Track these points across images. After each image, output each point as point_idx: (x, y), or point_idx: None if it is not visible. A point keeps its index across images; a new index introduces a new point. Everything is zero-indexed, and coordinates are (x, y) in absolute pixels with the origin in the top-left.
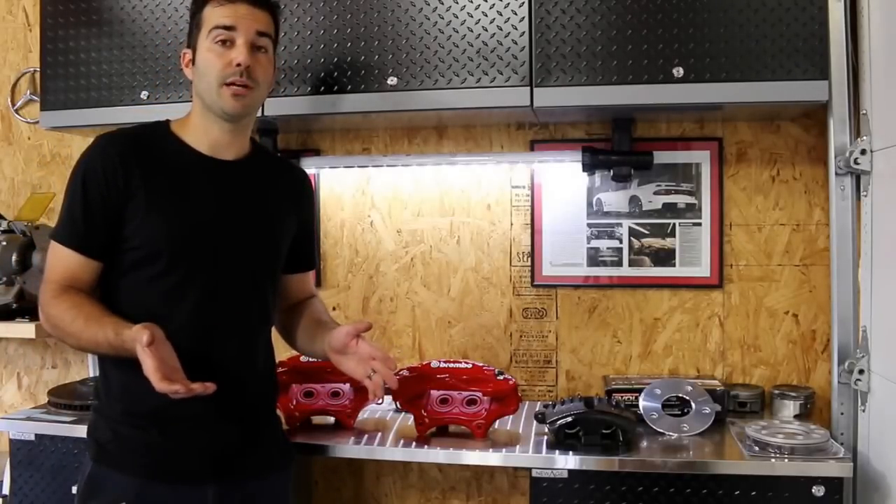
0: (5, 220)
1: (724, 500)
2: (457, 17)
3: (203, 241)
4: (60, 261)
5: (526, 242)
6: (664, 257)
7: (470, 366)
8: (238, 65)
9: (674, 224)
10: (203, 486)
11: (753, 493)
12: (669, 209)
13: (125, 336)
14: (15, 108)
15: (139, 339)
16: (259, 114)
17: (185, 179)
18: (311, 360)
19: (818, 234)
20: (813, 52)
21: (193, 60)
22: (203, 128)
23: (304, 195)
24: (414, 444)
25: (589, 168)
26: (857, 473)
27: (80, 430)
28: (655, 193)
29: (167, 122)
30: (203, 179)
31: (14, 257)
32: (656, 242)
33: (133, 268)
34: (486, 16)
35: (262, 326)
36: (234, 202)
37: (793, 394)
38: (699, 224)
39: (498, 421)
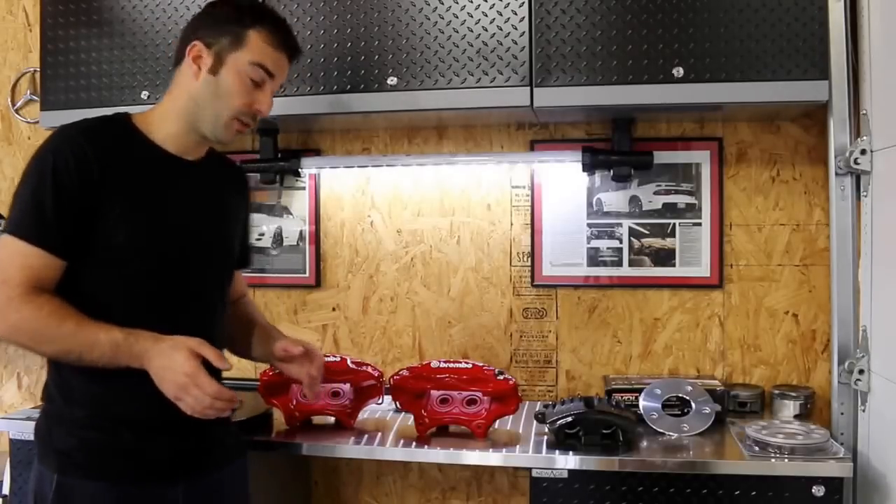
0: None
1: (724, 500)
2: (457, 17)
3: (176, 242)
4: (23, 259)
5: (526, 242)
6: (664, 257)
7: (470, 366)
8: (258, 111)
9: (674, 224)
10: (175, 484)
11: (753, 493)
12: (669, 209)
13: (141, 339)
14: (15, 108)
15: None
16: None
17: (157, 179)
18: None
19: (818, 234)
20: (813, 52)
21: (213, 70)
22: (175, 130)
23: (247, 193)
24: (414, 444)
25: (589, 168)
26: (857, 473)
27: None
28: (655, 193)
29: (127, 115)
30: (173, 180)
31: None
32: (656, 242)
33: (101, 268)
34: (486, 16)
35: (222, 325)
36: (200, 203)
37: (793, 394)
38: (699, 224)
39: (498, 421)
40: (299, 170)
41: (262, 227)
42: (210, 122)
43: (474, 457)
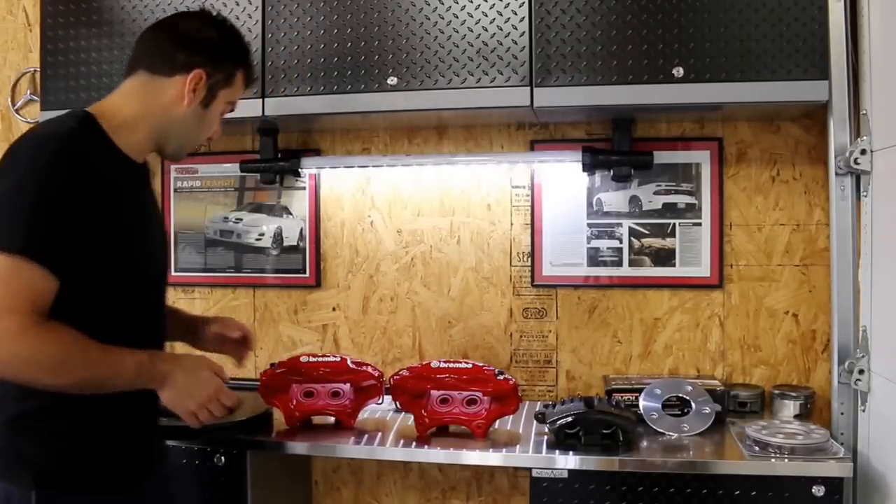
0: None
1: (724, 500)
2: (457, 17)
3: (151, 251)
4: (29, 281)
5: (526, 242)
6: (664, 257)
7: (470, 366)
8: (212, 139)
9: (674, 224)
10: (143, 482)
11: (753, 493)
12: (669, 209)
13: (161, 359)
14: (15, 108)
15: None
16: (259, 114)
17: (130, 190)
18: (310, 360)
19: (818, 234)
20: (813, 52)
21: (205, 103)
22: (139, 140)
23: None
24: (414, 444)
25: (589, 168)
26: (857, 473)
27: None
28: (655, 193)
29: (93, 117)
30: (139, 188)
31: None
32: (656, 242)
33: (89, 284)
34: (486, 16)
35: None
36: (152, 205)
37: (793, 394)
38: (699, 224)
39: (498, 421)
40: (299, 170)
41: (262, 228)
42: (179, 145)
43: (474, 457)
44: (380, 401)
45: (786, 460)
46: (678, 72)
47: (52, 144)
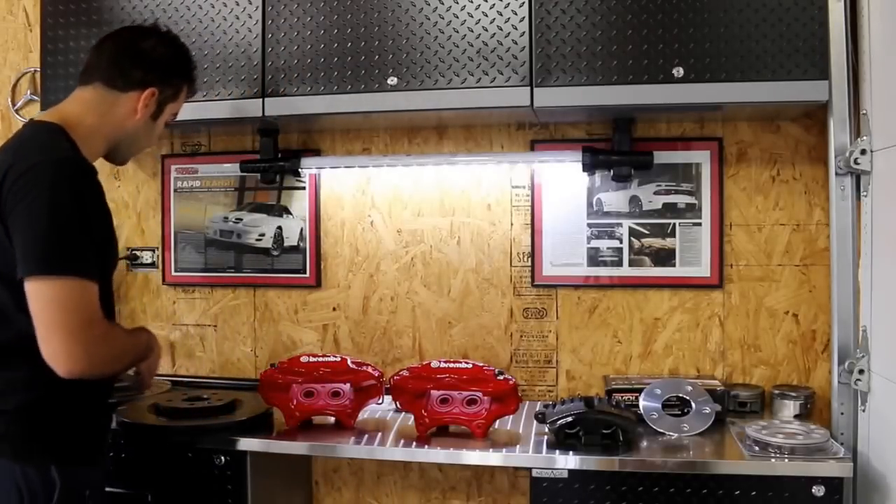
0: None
1: (724, 500)
2: (457, 17)
3: (116, 241)
4: (90, 294)
5: (526, 242)
6: (664, 257)
7: (470, 366)
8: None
9: (674, 224)
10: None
11: (753, 493)
12: (669, 209)
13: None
14: (15, 108)
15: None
16: (260, 114)
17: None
18: (310, 360)
19: (818, 234)
20: (813, 52)
21: (155, 116)
22: (98, 149)
23: None
24: (414, 444)
25: (589, 168)
26: (857, 473)
27: None
28: (655, 193)
29: (66, 133)
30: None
31: None
32: (656, 242)
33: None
34: (486, 16)
35: None
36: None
37: (793, 394)
38: (699, 224)
39: (498, 421)
40: (299, 170)
41: (263, 228)
42: (127, 154)
43: (474, 457)
44: (380, 401)
45: (786, 460)
46: (678, 72)
47: (65, 168)
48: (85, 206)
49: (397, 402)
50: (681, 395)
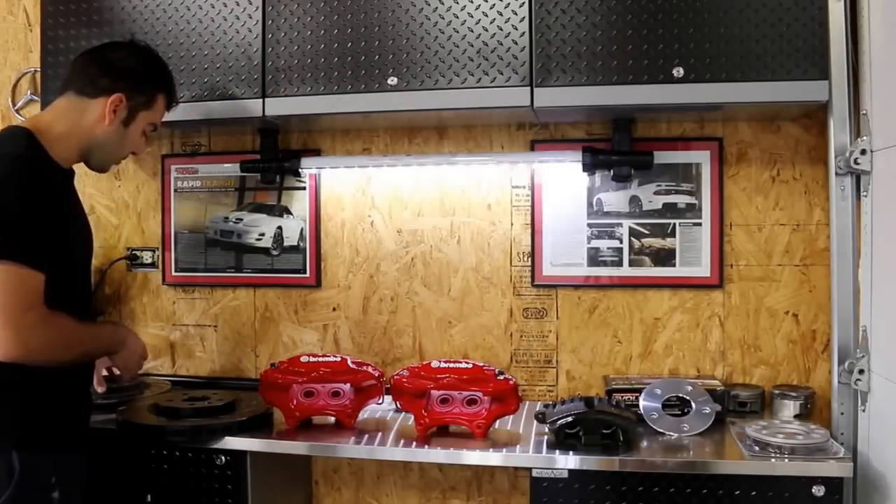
0: None
1: (724, 500)
2: (457, 17)
3: (86, 240)
4: (30, 282)
5: (526, 242)
6: (664, 257)
7: (470, 366)
8: (135, 155)
9: (674, 224)
10: (86, 444)
11: (753, 493)
12: (669, 209)
13: (117, 328)
14: (15, 108)
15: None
16: (260, 114)
17: (70, 192)
18: (311, 360)
19: (818, 234)
20: (813, 52)
21: (126, 122)
22: (70, 155)
23: None
24: (414, 444)
25: (589, 168)
26: (857, 473)
27: None
28: (655, 193)
29: (33, 134)
30: (75, 193)
31: None
32: (656, 242)
33: (52, 272)
34: (486, 16)
35: None
36: (81, 204)
37: (793, 394)
38: (699, 224)
39: (498, 421)
40: (299, 170)
41: (263, 228)
42: (102, 160)
43: (474, 457)
44: (380, 401)
45: (786, 460)
46: (678, 72)
47: (17, 163)
48: (33, 199)
49: (397, 402)
50: (681, 395)
